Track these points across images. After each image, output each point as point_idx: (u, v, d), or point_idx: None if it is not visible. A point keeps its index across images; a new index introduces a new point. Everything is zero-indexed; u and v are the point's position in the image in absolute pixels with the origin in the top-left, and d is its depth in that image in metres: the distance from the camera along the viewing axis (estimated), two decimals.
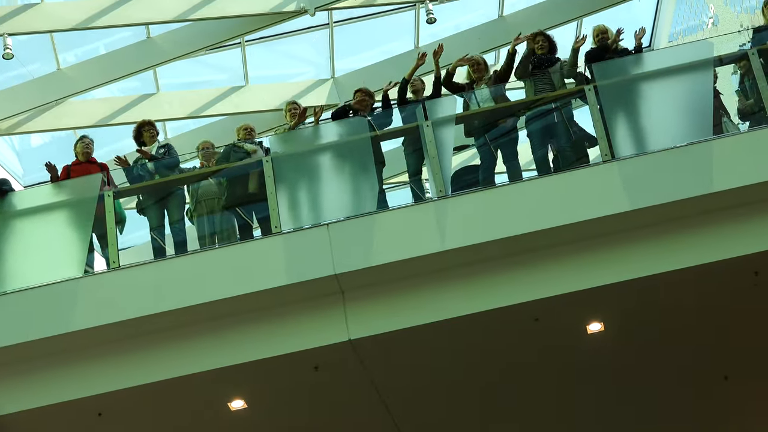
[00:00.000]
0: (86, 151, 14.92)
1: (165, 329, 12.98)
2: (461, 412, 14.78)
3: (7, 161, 22.77)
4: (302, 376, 13.31)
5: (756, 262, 12.57)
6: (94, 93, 22.38)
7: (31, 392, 13.03)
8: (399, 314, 12.91)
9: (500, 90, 14.51)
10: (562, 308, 12.96)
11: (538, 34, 15.07)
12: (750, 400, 15.26)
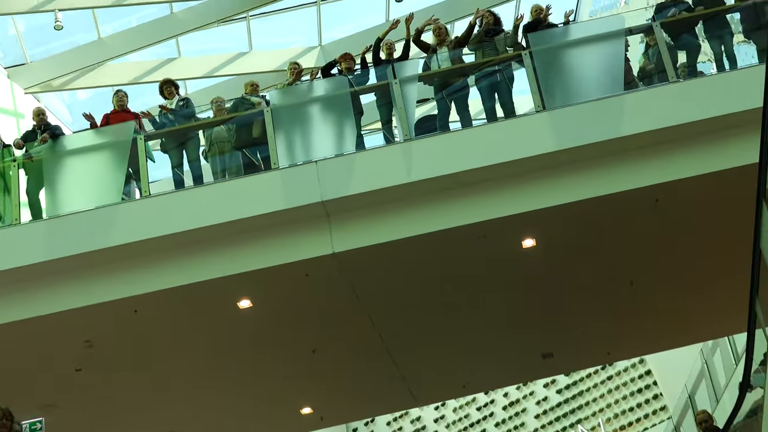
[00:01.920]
0: (121, 103, 14.99)
1: (185, 244, 13.08)
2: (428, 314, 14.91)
3: (58, 112, 22.85)
4: (296, 282, 13.43)
5: (656, 191, 12.72)
6: (128, 57, 22.64)
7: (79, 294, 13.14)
8: (374, 232, 13.04)
9: (458, 53, 14.63)
10: (503, 228, 13.08)
11: (486, 10, 15.29)
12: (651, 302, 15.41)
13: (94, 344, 13.84)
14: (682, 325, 16.86)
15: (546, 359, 17.01)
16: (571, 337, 16.53)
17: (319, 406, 17.29)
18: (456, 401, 31.88)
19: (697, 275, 14.68)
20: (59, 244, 13.23)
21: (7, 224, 13.79)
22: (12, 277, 13.04)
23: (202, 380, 15.37)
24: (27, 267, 13.07)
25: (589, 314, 15.74)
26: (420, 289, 14.35)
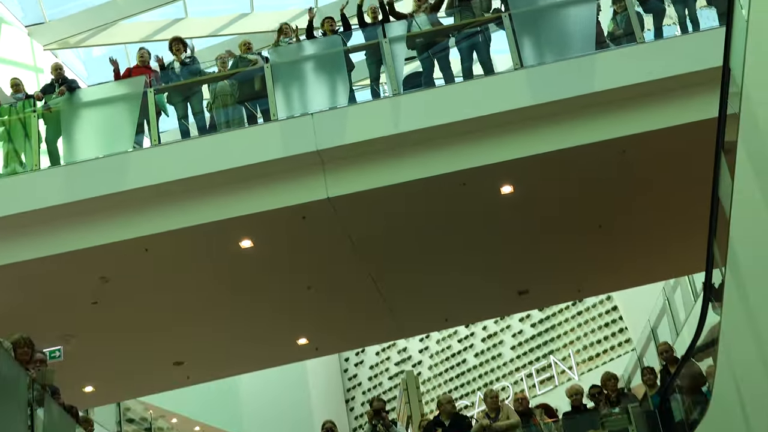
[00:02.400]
0: (143, 59, 15.04)
1: (191, 189, 13.08)
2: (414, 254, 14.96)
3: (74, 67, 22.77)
4: (294, 224, 13.46)
5: (623, 143, 12.75)
6: (139, 17, 22.47)
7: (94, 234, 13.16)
8: (364, 179, 13.07)
9: (434, 17, 14.56)
10: (482, 175, 13.11)
11: None
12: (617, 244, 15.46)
13: (108, 280, 13.89)
14: (645, 265, 16.93)
15: (521, 295, 17.10)
16: (545, 276, 16.59)
17: (313, 338, 17.39)
18: (439, 333, 32.06)
19: (659, 220, 14.73)
20: (76, 188, 13.25)
21: (28, 170, 13.81)
22: (33, 219, 13.05)
23: (207, 314, 15.43)
24: (46, 209, 13.08)
25: (562, 255, 15.79)
26: (406, 231, 14.37)
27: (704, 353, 11.18)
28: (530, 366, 30.67)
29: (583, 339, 29.52)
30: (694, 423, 11.25)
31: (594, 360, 28.81)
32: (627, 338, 27.89)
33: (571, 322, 29.97)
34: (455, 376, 32.66)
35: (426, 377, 32.93)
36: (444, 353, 33.12)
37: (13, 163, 14.07)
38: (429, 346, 33.41)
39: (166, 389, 21.37)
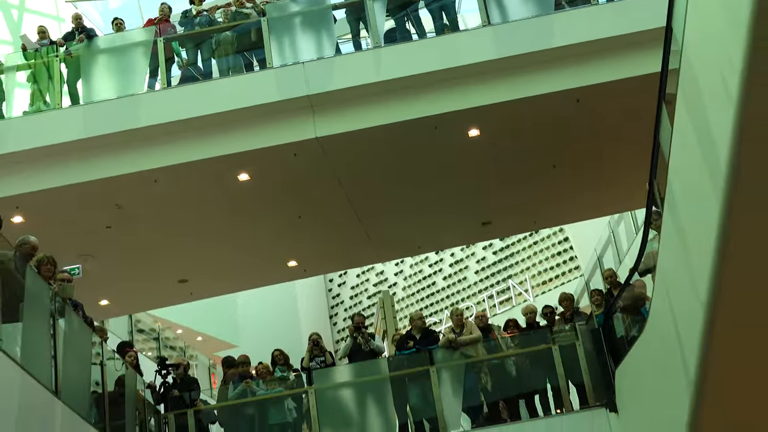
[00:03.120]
0: (163, 13, 14.89)
1: (196, 128, 13.08)
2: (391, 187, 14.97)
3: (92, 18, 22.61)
4: (286, 160, 13.46)
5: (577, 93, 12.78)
6: None
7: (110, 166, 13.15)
8: (349, 121, 13.07)
9: None
10: (452, 120, 13.12)
11: None
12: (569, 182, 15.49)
13: (121, 207, 13.89)
14: (594, 201, 17.00)
15: (484, 226, 17.14)
16: (506, 209, 16.64)
17: (302, 260, 17.42)
18: (412, 259, 32.16)
19: (607, 162, 14.75)
20: (93, 125, 13.24)
21: (51, 108, 13.77)
22: (55, 151, 13.03)
23: (208, 238, 15.45)
24: (67, 143, 13.08)
25: (521, 191, 15.81)
26: (385, 168, 14.37)
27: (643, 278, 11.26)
28: (491, 289, 30.84)
29: (538, 266, 29.68)
30: (633, 339, 11.35)
31: (547, 284, 29.00)
32: (576, 265, 28.05)
33: (527, 251, 30.10)
34: (426, 296, 32.83)
35: (400, 297, 33.09)
36: (416, 276, 33.27)
37: (38, 102, 14.07)
38: (403, 270, 33.54)
39: (172, 304, 21.49)
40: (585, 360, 12.72)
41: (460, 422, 13.22)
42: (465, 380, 13.27)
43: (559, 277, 28.83)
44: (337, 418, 13.37)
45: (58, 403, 9.42)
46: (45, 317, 10.09)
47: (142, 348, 24.38)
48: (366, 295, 34.55)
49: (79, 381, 10.61)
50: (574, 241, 28.26)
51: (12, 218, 13.08)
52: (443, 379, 13.14)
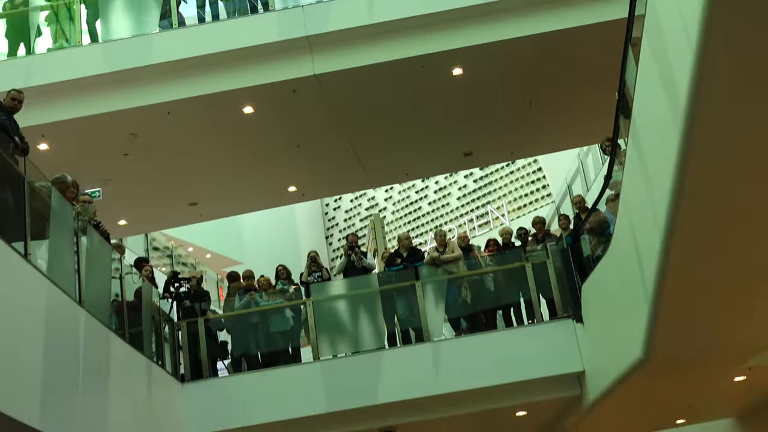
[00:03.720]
0: None
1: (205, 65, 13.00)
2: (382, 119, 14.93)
3: None
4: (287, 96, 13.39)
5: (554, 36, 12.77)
6: None
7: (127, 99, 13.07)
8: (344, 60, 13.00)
9: None
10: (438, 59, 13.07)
11: None
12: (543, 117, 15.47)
13: (137, 136, 13.85)
14: (565, 134, 16.97)
15: (466, 156, 17.13)
16: (485, 141, 16.61)
17: (301, 186, 17.39)
18: (400, 186, 32.14)
19: (578, 99, 14.72)
20: (111, 61, 13.10)
21: (72, 46, 13.67)
22: (76, 85, 12.92)
23: (217, 164, 15.41)
24: (87, 78, 12.97)
25: (499, 125, 15.79)
26: (377, 103, 14.30)
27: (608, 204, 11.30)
28: (471, 213, 30.91)
29: (514, 192, 29.72)
30: (598, 258, 11.44)
31: (522, 209, 29.06)
32: (548, 193, 28.10)
33: (504, 179, 30.11)
34: (412, 219, 32.89)
35: (389, 220, 33.14)
36: (404, 201, 33.29)
37: (60, 40, 13.99)
38: (392, 196, 33.55)
39: (183, 224, 21.50)
40: (554, 276, 12.83)
41: (443, 331, 13.36)
42: (447, 294, 13.38)
43: (533, 203, 28.88)
44: (331, 327, 13.49)
45: (81, 311, 9.49)
46: (69, 235, 10.12)
47: (157, 264, 24.45)
48: (359, 218, 34.59)
49: (100, 292, 10.68)
50: (547, 171, 28.26)
51: (38, 145, 13.03)
52: (427, 293, 13.25)
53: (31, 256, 8.59)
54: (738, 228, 8.36)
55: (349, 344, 13.31)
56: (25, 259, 8.37)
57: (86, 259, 10.27)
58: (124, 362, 10.60)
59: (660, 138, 7.88)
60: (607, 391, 11.32)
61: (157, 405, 11.48)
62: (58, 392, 8.62)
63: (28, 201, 8.93)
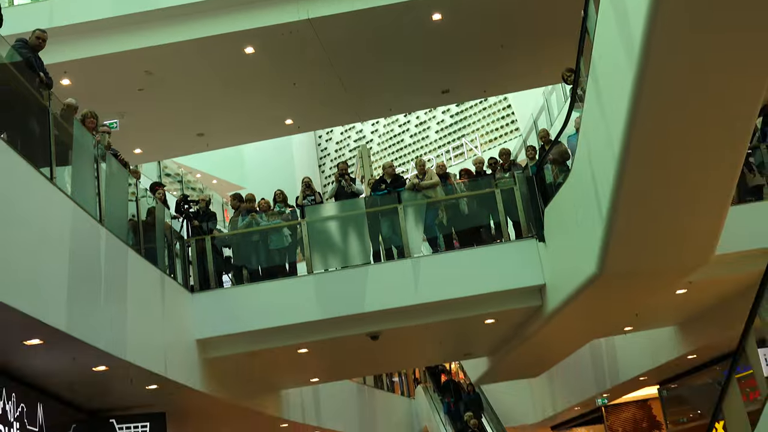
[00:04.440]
0: None
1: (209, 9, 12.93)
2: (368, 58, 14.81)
3: None
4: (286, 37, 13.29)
5: None
6: None
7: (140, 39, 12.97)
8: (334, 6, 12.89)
9: None
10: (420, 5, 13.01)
11: None
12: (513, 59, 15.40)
13: (151, 73, 13.73)
14: (531, 74, 16.91)
15: (444, 94, 17.04)
16: (461, 80, 16.53)
17: (296, 119, 17.29)
18: (385, 120, 32.10)
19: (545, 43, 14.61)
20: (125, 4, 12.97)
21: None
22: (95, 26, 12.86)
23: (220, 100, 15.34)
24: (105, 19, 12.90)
25: (473, 66, 15.72)
26: (363, 44, 14.22)
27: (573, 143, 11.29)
28: (448, 145, 30.93)
29: (486, 127, 29.71)
30: (559, 184, 11.44)
31: (492, 142, 29.07)
32: (516, 127, 28.10)
33: (477, 115, 30.07)
34: (396, 150, 32.88)
35: (375, 151, 33.13)
36: (388, 134, 33.25)
37: None
38: (378, 129, 33.48)
39: (192, 153, 21.40)
40: (520, 201, 12.82)
41: (422, 249, 13.42)
42: (426, 216, 13.38)
43: (503, 136, 28.90)
44: (323, 244, 13.51)
45: (102, 229, 9.50)
46: (90, 161, 10.08)
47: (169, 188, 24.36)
48: (348, 149, 34.55)
49: (119, 212, 10.67)
50: (515, 107, 28.22)
51: (61, 81, 12.90)
52: (408, 215, 13.26)
53: (57, 180, 8.58)
54: (681, 158, 8.41)
55: (339, 260, 13.34)
56: (51, 182, 8.35)
57: (106, 182, 10.25)
58: (140, 274, 10.64)
59: (616, 78, 7.87)
60: (564, 302, 11.44)
61: (169, 312, 11.55)
62: (82, 300, 8.67)
63: (52, 131, 8.88)
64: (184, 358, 11.58)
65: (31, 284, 7.60)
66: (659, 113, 7.73)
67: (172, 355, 11.07)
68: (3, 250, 7.16)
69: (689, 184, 8.82)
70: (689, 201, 9.11)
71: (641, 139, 8.00)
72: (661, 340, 16.03)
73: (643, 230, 9.51)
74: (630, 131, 7.88)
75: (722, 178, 8.93)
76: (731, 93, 7.56)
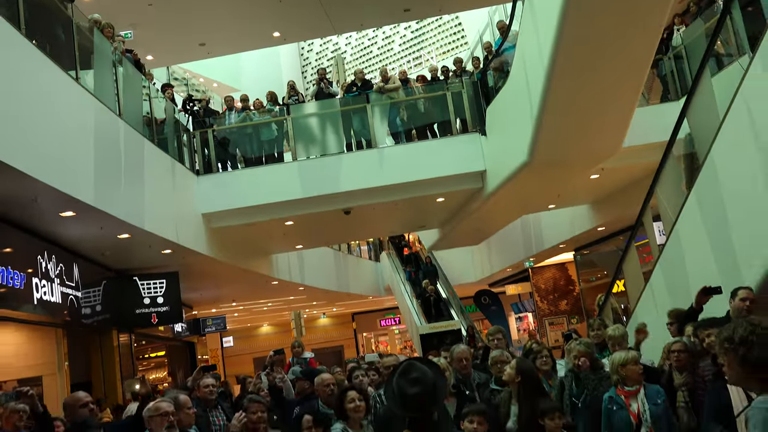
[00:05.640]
0: None
1: None
2: None
3: None
4: None
5: None
6: None
7: None
8: None
9: None
10: None
11: None
12: None
13: None
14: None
15: (406, 12, 16.51)
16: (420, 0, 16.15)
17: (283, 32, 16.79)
18: (357, 33, 31.40)
19: None
20: None
21: None
22: None
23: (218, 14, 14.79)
24: None
25: None
26: None
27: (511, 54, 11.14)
28: (409, 56, 30.41)
29: (441, 41, 29.22)
30: (499, 89, 11.41)
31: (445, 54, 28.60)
32: (466, 42, 27.65)
33: (434, 31, 29.50)
34: (365, 60, 32.26)
35: (348, 60, 32.48)
36: (359, 46, 32.56)
37: None
38: (351, 42, 32.74)
39: (196, 60, 20.91)
40: (467, 102, 12.78)
41: (386, 141, 13.39)
42: (389, 114, 13.33)
43: (454, 48, 28.44)
44: (305, 136, 13.43)
45: (121, 122, 9.36)
46: (108, 64, 9.83)
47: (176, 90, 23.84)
48: (326, 58, 33.82)
49: (135, 108, 10.49)
50: (465, 25, 27.71)
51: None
52: (375, 113, 13.19)
53: (81, 80, 8.38)
54: (598, 66, 8.38)
55: (318, 149, 13.30)
56: (76, 81, 8.16)
57: (123, 83, 10.03)
58: (154, 160, 10.56)
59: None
60: (501, 184, 11.55)
61: (179, 191, 11.53)
62: (107, 180, 8.62)
63: (75, 38, 8.63)
64: (192, 228, 11.63)
65: (64, 166, 7.53)
66: (582, 24, 7.65)
67: (182, 226, 11.11)
68: (41, 139, 7.08)
69: (603, 89, 8.82)
70: (603, 102, 9.13)
71: (566, 50, 7.94)
72: (577, 216, 16.31)
73: (565, 126, 9.55)
74: (557, 43, 7.81)
75: (630, 85, 8.94)
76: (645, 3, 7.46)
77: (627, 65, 8.46)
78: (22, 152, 6.59)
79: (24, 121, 6.80)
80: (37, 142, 6.97)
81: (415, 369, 3.30)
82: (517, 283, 23.73)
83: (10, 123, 6.52)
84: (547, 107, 8.91)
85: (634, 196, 11.54)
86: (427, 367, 3.33)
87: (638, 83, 8.95)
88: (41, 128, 7.11)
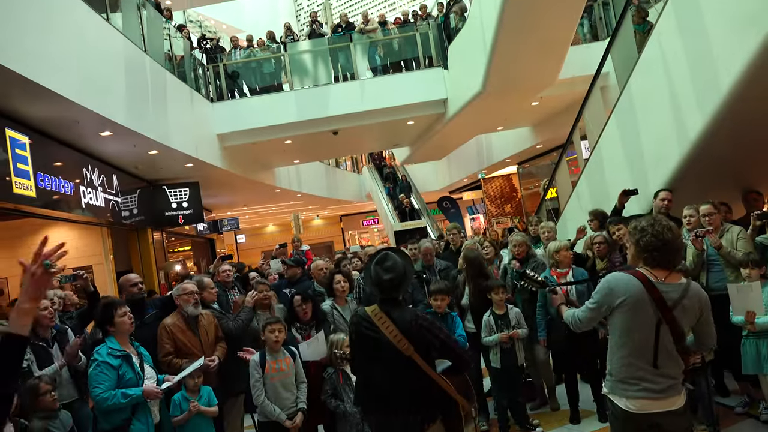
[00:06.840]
0: None
1: None
2: None
3: None
4: None
5: None
6: None
7: None
8: None
9: None
10: None
11: None
12: None
13: None
14: None
15: None
16: None
17: None
18: None
19: None
20: None
21: None
22: None
23: None
24: None
25: None
26: None
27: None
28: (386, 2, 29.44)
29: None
30: (460, 29, 11.16)
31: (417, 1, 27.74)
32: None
33: None
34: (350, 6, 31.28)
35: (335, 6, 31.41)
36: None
37: None
38: None
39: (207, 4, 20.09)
40: (433, 41, 12.55)
41: (366, 73, 13.17)
42: (369, 51, 13.05)
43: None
44: (300, 70, 13.15)
45: (146, 57, 9.10)
46: (134, 8, 9.45)
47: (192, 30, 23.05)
48: (316, 3, 32.67)
49: (157, 45, 10.16)
50: None
51: None
52: (357, 50, 12.91)
53: (111, 20, 8.09)
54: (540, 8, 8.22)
55: (311, 80, 13.06)
56: (108, 22, 7.88)
57: (147, 23, 9.68)
58: (175, 89, 10.33)
59: None
60: (459, 109, 11.51)
61: (197, 115, 11.35)
62: (137, 105, 8.47)
63: None
64: (209, 146, 11.52)
65: (102, 94, 7.38)
66: None
67: (200, 144, 11.00)
68: (82, 71, 6.90)
69: (544, 30, 8.67)
70: (543, 41, 9.00)
71: None
72: (520, 136, 16.33)
73: (511, 62, 9.44)
74: None
75: (565, 26, 8.80)
76: None
77: (563, 10, 8.31)
78: (66, 82, 6.45)
79: (67, 56, 6.62)
80: (78, 74, 6.80)
81: (389, 258, 3.36)
82: (472, 190, 23.92)
83: (56, 58, 6.35)
84: (497, 46, 8.79)
85: (566, 120, 11.56)
86: (399, 257, 3.38)
87: (572, 25, 8.82)
88: (81, 62, 6.93)
